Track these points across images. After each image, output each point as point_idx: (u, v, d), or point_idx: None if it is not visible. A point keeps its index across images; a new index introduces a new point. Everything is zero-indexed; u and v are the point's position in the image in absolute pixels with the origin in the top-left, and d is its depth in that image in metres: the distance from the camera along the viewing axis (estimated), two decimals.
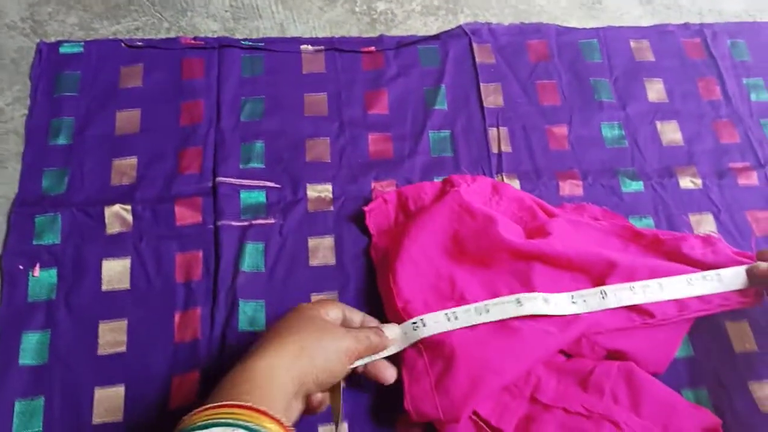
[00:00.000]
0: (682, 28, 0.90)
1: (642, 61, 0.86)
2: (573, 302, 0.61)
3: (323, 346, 0.50)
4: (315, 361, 0.49)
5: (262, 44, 0.83)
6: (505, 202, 0.70)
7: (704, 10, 0.93)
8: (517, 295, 0.60)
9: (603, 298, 0.61)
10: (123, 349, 0.64)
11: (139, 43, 0.82)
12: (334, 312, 0.56)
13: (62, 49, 0.81)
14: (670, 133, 0.81)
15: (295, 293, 0.68)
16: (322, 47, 0.83)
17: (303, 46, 0.83)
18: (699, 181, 0.77)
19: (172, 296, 0.67)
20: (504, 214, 0.68)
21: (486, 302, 0.60)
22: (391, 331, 0.58)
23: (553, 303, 0.60)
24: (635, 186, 0.76)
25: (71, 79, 0.79)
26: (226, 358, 0.63)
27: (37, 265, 0.67)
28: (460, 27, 0.86)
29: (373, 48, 0.84)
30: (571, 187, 0.75)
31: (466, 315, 0.59)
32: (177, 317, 0.65)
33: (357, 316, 0.59)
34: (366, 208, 0.70)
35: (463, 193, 0.67)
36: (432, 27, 0.88)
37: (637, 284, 0.62)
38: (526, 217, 0.69)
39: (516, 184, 0.75)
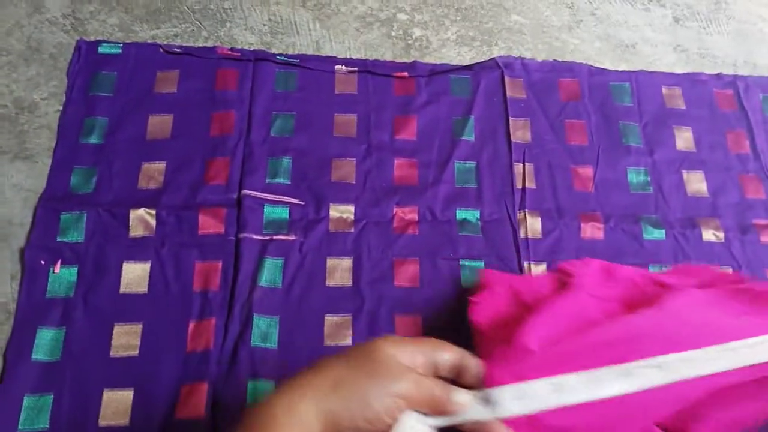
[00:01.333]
0: (715, 78, 0.90)
1: (672, 108, 0.86)
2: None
3: (369, 385, 0.42)
4: (351, 400, 0.41)
5: (297, 60, 0.83)
6: (620, 286, 0.65)
7: (739, 61, 0.93)
8: (657, 359, 0.54)
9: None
10: (135, 353, 0.64)
11: (177, 50, 0.83)
12: (448, 355, 0.48)
13: (101, 49, 0.82)
14: (696, 183, 0.81)
15: (309, 312, 0.68)
16: (356, 69, 0.84)
17: (337, 66, 0.84)
18: (721, 235, 0.76)
19: (188, 304, 0.67)
20: (618, 300, 0.63)
21: (622, 366, 0.53)
22: (461, 396, 0.47)
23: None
24: (657, 234, 0.76)
25: (107, 79, 0.80)
26: (235, 372, 0.63)
27: (59, 262, 0.68)
28: (493, 59, 0.87)
29: (405, 73, 0.84)
30: (592, 230, 0.75)
31: (579, 383, 0.52)
32: (191, 326, 0.66)
33: (474, 368, 0.50)
34: (473, 299, 0.64)
35: (581, 286, 0.62)
36: (466, 57, 0.88)
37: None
38: (637, 297, 0.64)
39: (538, 221, 0.75)
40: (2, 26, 0.83)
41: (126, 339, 0.65)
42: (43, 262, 0.68)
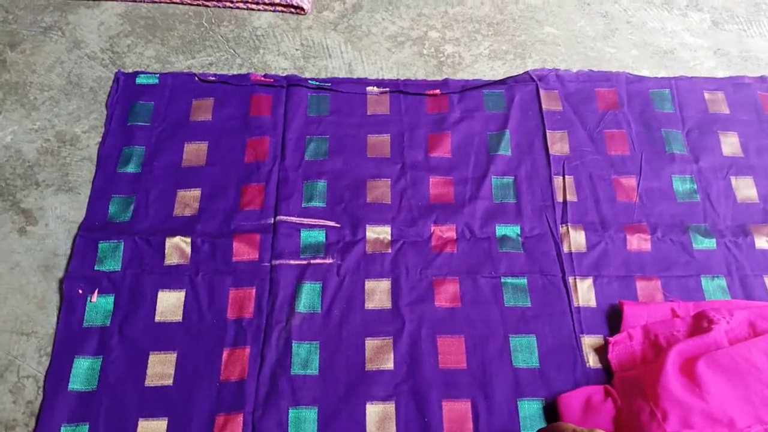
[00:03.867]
0: (759, 80, 0.87)
1: (716, 114, 0.83)
2: None
3: None
4: None
5: (329, 84, 0.84)
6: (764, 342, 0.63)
7: None
8: None
9: None
10: (170, 382, 0.64)
11: (212, 78, 0.84)
12: None
13: (138, 80, 0.84)
14: (745, 189, 0.77)
15: (349, 336, 0.67)
16: (387, 89, 0.84)
17: (369, 88, 0.84)
18: None
19: (222, 333, 0.67)
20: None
21: None
22: None
23: None
24: (707, 243, 0.73)
25: (144, 109, 0.81)
26: (274, 401, 0.62)
27: (96, 291, 0.69)
28: (526, 72, 0.85)
29: (437, 91, 0.84)
30: (638, 242, 0.72)
31: None
32: (225, 354, 0.65)
33: None
34: (610, 339, 0.66)
35: (723, 338, 0.63)
36: (499, 71, 0.87)
37: None
38: None
39: (581, 235, 0.73)
40: (43, 63, 0.86)
41: (161, 368, 0.64)
42: (80, 291, 0.69)
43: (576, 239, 0.73)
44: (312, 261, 0.71)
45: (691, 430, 0.56)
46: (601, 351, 0.66)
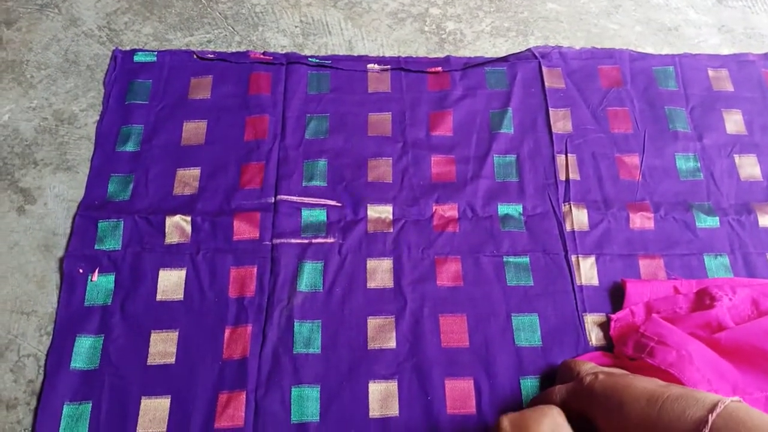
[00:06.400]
0: (764, 58, 0.86)
1: (720, 91, 0.82)
2: None
3: None
4: None
5: (329, 62, 0.83)
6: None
7: None
8: None
9: None
10: (172, 360, 0.64)
11: (210, 56, 0.83)
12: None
13: (136, 58, 0.83)
14: (749, 167, 0.77)
15: (351, 315, 0.66)
16: (389, 66, 0.83)
17: (369, 65, 0.83)
18: None
19: (224, 311, 0.66)
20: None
21: None
22: None
23: None
24: (710, 221, 0.72)
25: (143, 87, 0.80)
26: (277, 379, 0.62)
27: (97, 270, 0.68)
28: (529, 50, 0.84)
29: (439, 68, 0.83)
30: (641, 220, 0.72)
31: None
32: (227, 333, 0.65)
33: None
34: (612, 316, 0.66)
35: (725, 314, 0.62)
36: (501, 49, 0.86)
37: None
38: None
39: (584, 213, 0.72)
40: (40, 41, 0.85)
41: (163, 346, 0.64)
42: (81, 271, 0.68)
43: (578, 218, 0.72)
44: (313, 240, 0.70)
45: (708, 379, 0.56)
46: (604, 328, 0.66)
